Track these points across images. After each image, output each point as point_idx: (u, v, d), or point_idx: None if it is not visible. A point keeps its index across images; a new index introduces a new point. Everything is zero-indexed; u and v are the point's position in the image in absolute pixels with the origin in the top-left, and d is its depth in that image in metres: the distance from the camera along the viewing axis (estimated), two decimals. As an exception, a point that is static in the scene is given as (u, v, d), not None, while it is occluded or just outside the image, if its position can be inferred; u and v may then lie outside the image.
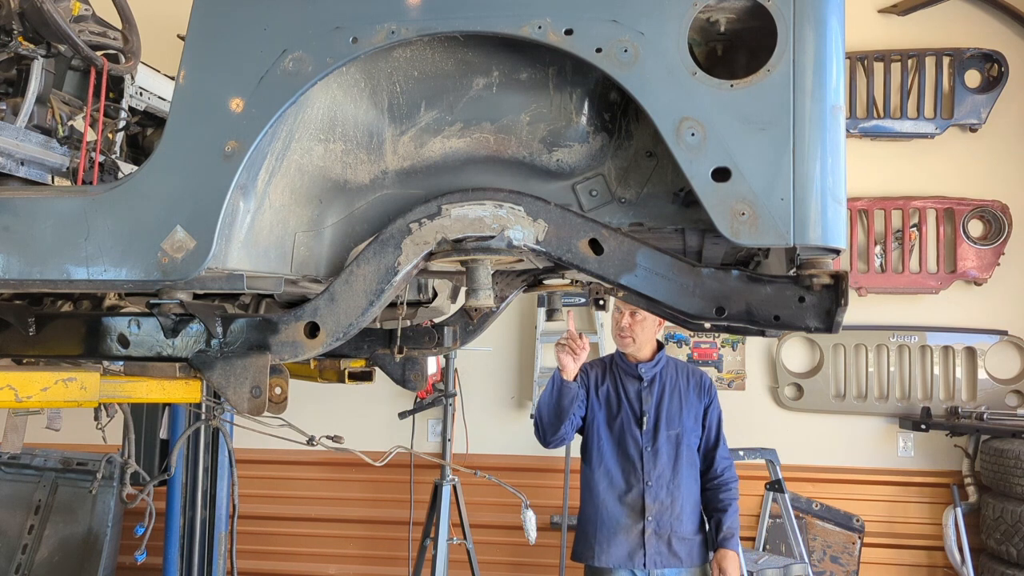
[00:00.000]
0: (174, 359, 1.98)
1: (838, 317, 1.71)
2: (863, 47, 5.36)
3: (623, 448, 3.62)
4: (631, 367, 3.71)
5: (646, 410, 3.63)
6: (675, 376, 3.73)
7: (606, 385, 3.73)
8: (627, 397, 3.67)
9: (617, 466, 3.63)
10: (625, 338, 3.66)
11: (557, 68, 1.84)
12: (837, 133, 1.62)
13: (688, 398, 3.69)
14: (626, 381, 3.70)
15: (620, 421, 3.64)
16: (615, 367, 3.77)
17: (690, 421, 3.67)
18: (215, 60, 1.73)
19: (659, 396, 3.66)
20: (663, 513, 3.58)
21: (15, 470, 5.22)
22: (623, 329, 3.64)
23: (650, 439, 3.60)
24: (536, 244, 1.83)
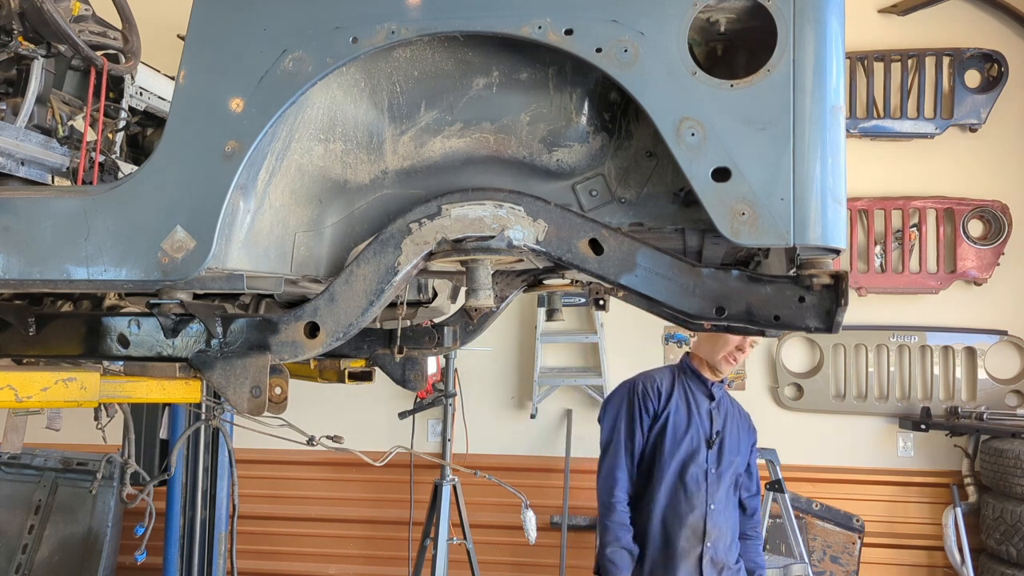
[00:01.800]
0: (174, 359, 1.98)
1: (838, 317, 1.71)
2: (863, 47, 5.36)
3: (690, 466, 3.35)
4: (704, 383, 3.47)
5: (717, 430, 3.41)
6: (730, 406, 3.54)
7: (676, 397, 3.44)
8: (698, 412, 3.42)
9: (681, 484, 3.36)
10: (734, 363, 3.43)
11: (557, 68, 1.84)
12: (837, 133, 1.62)
13: (741, 429, 3.52)
14: (698, 397, 3.45)
15: (690, 438, 3.38)
16: (685, 379, 3.50)
17: (742, 452, 3.50)
18: (215, 60, 1.73)
19: (724, 419, 3.46)
20: (720, 540, 3.38)
21: (15, 470, 5.22)
22: (739, 354, 3.40)
23: (715, 461, 3.38)
24: (536, 244, 1.83)
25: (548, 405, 5.59)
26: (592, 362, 5.56)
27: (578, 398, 5.61)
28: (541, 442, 5.62)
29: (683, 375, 3.50)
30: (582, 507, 5.44)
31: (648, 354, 5.55)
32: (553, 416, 5.62)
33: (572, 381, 5.50)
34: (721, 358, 3.40)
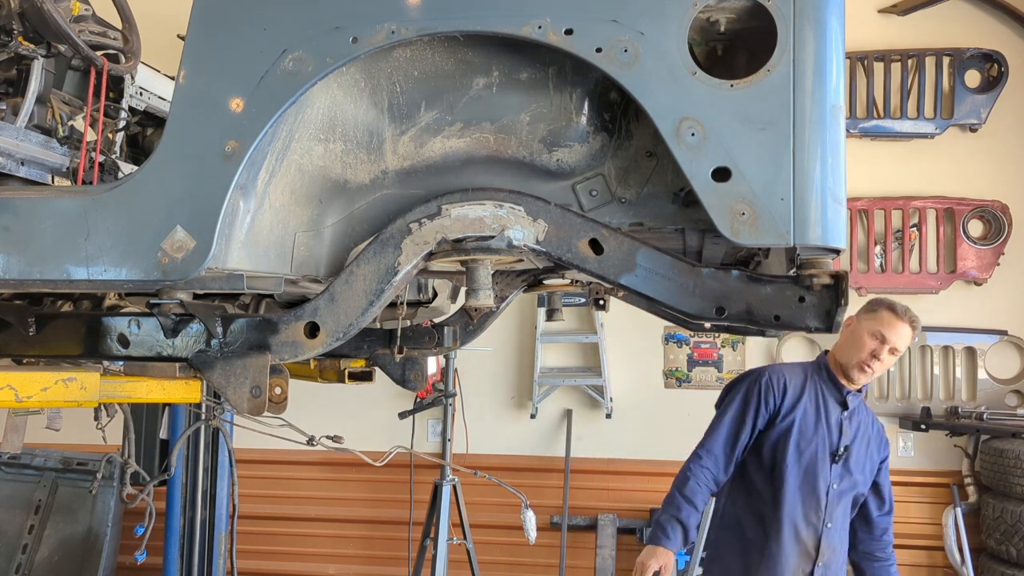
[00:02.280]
0: (174, 359, 1.98)
1: (838, 317, 1.71)
2: (863, 47, 5.36)
3: (811, 478, 3.04)
4: (839, 389, 3.13)
5: (845, 443, 3.08)
6: (865, 417, 3.20)
7: (806, 398, 3.10)
8: (827, 420, 3.08)
9: (799, 496, 3.05)
10: (869, 371, 3.07)
11: (557, 68, 1.84)
12: (837, 133, 1.62)
13: (871, 445, 3.17)
14: (830, 403, 3.11)
15: (815, 447, 3.05)
16: (819, 382, 3.15)
17: (867, 471, 3.16)
18: (215, 60, 1.73)
19: (855, 432, 3.12)
20: (832, 561, 3.12)
21: (15, 470, 5.22)
22: (875, 363, 3.04)
23: (839, 477, 3.07)
24: (536, 244, 1.83)
25: (548, 405, 5.59)
26: (592, 362, 5.56)
27: (578, 398, 5.61)
28: (541, 442, 5.62)
29: (817, 376, 3.17)
30: (582, 507, 5.44)
31: (648, 354, 5.56)
32: (553, 416, 5.62)
33: (572, 381, 5.50)
34: (855, 365, 3.05)
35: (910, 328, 3.02)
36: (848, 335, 3.11)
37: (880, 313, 3.05)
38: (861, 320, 3.09)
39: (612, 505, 5.46)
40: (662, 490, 5.42)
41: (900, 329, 3.00)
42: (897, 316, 3.01)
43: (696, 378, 5.54)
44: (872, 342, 3.02)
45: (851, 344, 3.08)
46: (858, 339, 3.05)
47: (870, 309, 3.09)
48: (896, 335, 3.00)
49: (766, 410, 3.09)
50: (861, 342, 3.04)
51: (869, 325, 3.04)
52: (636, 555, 5.44)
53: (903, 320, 3.00)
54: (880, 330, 3.01)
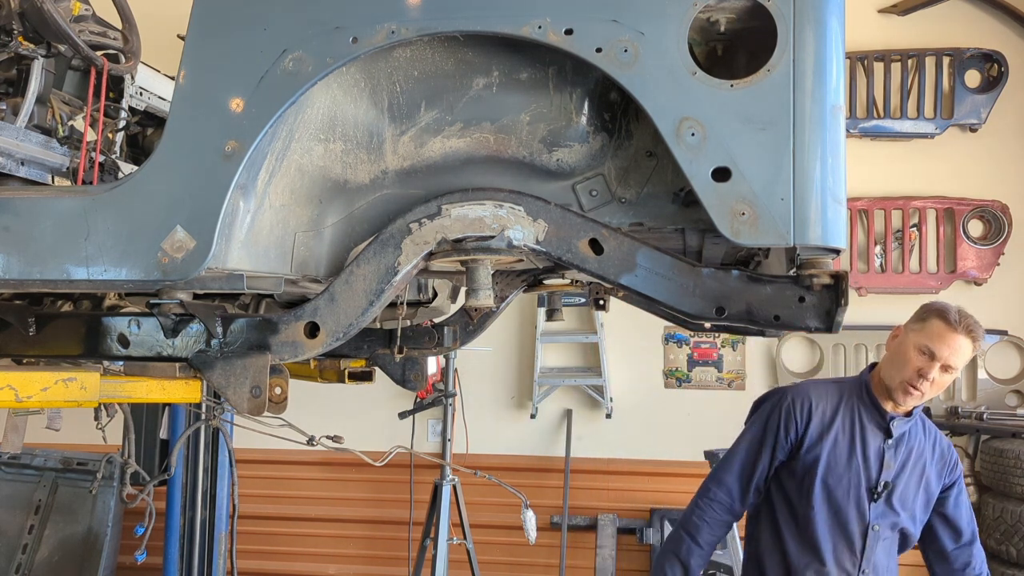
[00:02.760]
0: (174, 359, 1.98)
1: (838, 317, 1.71)
2: (863, 47, 5.36)
3: (841, 518, 2.61)
4: (881, 414, 2.64)
5: (886, 478, 2.61)
6: (923, 441, 2.70)
7: (837, 426, 2.65)
8: (863, 452, 2.62)
9: (828, 539, 2.62)
10: (917, 394, 2.56)
11: (557, 68, 1.84)
12: (837, 133, 1.62)
13: (927, 475, 2.68)
14: (868, 430, 2.64)
15: (847, 483, 2.61)
16: (858, 404, 2.68)
17: (919, 506, 2.69)
18: (215, 60, 1.73)
19: (903, 463, 2.64)
20: None
21: (15, 470, 5.22)
22: (923, 384, 2.53)
23: (879, 515, 2.62)
24: (536, 244, 1.83)
25: (548, 405, 5.59)
26: (592, 362, 5.56)
27: (578, 398, 5.61)
28: (541, 442, 5.62)
29: (856, 398, 2.69)
30: (582, 507, 5.44)
31: (648, 354, 5.56)
32: (553, 416, 5.62)
33: (572, 381, 5.50)
34: (898, 385, 2.57)
35: (968, 340, 2.49)
36: (894, 349, 2.63)
37: (930, 323, 2.53)
38: (908, 331, 2.60)
39: (612, 505, 5.46)
40: (662, 490, 5.45)
41: (954, 342, 2.48)
42: (950, 326, 2.49)
43: (696, 378, 5.53)
44: (919, 359, 2.52)
45: (896, 360, 2.59)
46: (903, 354, 2.56)
47: (919, 317, 2.60)
48: (949, 350, 2.48)
49: (786, 440, 2.66)
50: (906, 358, 2.55)
51: (916, 338, 2.54)
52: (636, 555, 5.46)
53: (957, 331, 2.48)
54: (928, 344, 2.50)
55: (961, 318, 2.51)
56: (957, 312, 2.53)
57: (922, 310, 2.63)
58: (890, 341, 2.70)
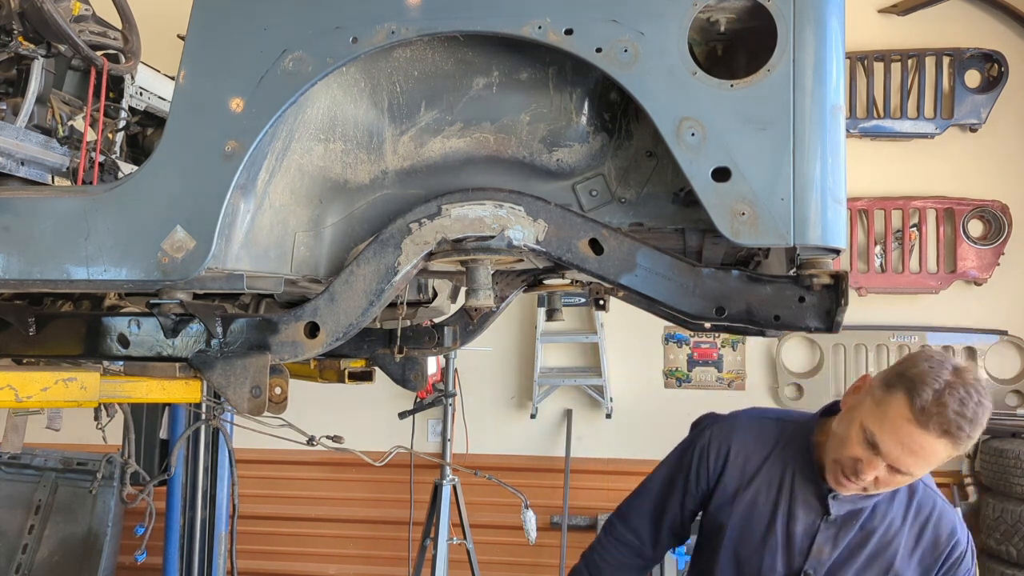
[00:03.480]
0: (174, 359, 1.98)
1: (838, 317, 1.71)
2: (863, 47, 5.35)
3: None
4: (817, 483, 1.96)
5: (811, 568, 1.94)
6: (897, 524, 1.94)
7: (759, 485, 2.00)
8: (787, 526, 1.96)
9: None
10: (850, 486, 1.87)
11: (557, 68, 1.84)
12: (837, 133, 1.62)
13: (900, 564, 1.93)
14: (799, 497, 1.96)
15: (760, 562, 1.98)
16: (791, 461, 2.00)
17: None
18: (215, 60, 1.73)
19: (850, 550, 1.93)
20: None
21: (15, 470, 5.22)
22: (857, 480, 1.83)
23: None
24: (536, 244, 1.83)
25: (548, 405, 5.59)
26: (592, 362, 5.56)
27: (578, 398, 5.61)
28: (541, 442, 5.62)
29: (792, 451, 2.00)
30: (582, 507, 5.44)
31: (648, 354, 5.55)
32: (553, 416, 5.62)
33: (572, 381, 5.50)
34: (830, 464, 1.90)
35: (942, 442, 1.70)
36: (845, 412, 1.92)
37: (892, 399, 1.75)
38: (866, 396, 1.85)
39: (612, 505, 5.40)
40: (662, 490, 5.45)
41: (913, 442, 1.71)
42: (914, 417, 1.70)
43: (696, 378, 5.53)
44: (859, 446, 1.80)
45: (838, 431, 1.89)
46: (846, 429, 1.85)
47: (885, 382, 1.81)
48: (901, 449, 1.73)
49: (696, 488, 2.10)
50: (847, 436, 1.84)
51: (867, 414, 1.80)
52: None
53: (925, 427, 1.69)
54: (875, 431, 1.76)
55: (938, 407, 1.67)
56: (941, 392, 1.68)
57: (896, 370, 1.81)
58: (848, 395, 1.94)
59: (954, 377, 1.72)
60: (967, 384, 1.71)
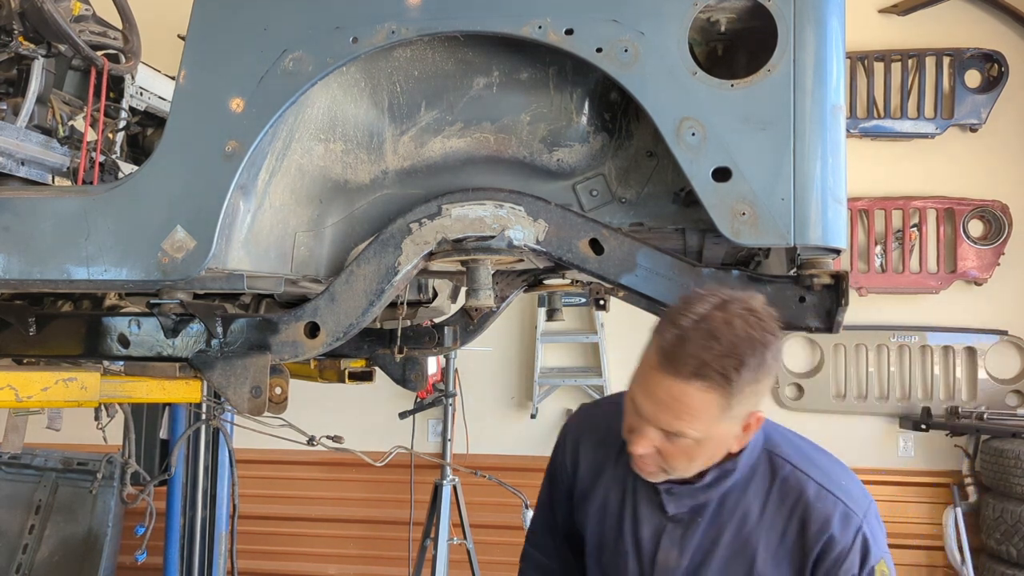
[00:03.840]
0: (174, 359, 1.98)
1: (838, 317, 1.71)
2: (863, 47, 5.35)
3: None
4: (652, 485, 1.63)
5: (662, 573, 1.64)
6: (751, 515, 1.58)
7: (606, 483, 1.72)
8: (635, 529, 1.66)
9: None
10: (641, 466, 1.56)
11: (557, 68, 1.84)
12: (837, 133, 1.62)
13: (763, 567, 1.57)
14: (641, 499, 1.66)
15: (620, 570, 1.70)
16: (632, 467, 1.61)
17: None
18: (215, 60, 1.73)
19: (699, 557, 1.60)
20: None
21: (15, 470, 5.22)
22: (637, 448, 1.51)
23: None
24: (536, 244, 1.83)
25: (548, 405, 5.59)
26: (592, 362, 5.55)
27: (579, 398, 5.61)
28: (541, 442, 5.61)
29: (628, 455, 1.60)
30: (582, 507, 5.43)
31: (648, 354, 5.55)
32: (553, 416, 5.61)
33: (572, 381, 5.50)
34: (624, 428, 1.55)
35: (698, 386, 1.38)
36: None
37: (645, 350, 1.47)
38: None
39: (612, 505, 5.45)
40: (662, 490, 5.45)
41: (665, 391, 1.41)
42: (660, 365, 1.41)
43: (696, 378, 5.53)
44: (630, 414, 1.51)
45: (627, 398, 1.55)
46: (632, 391, 1.51)
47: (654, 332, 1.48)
48: (655, 404, 1.43)
49: (561, 491, 1.83)
50: (625, 406, 1.54)
51: (632, 373, 1.50)
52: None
53: (674, 374, 1.39)
54: (633, 389, 1.49)
55: (680, 344, 1.37)
56: (688, 328, 1.37)
57: (662, 317, 1.48)
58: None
59: (714, 310, 1.38)
60: (728, 315, 1.37)
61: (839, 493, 1.58)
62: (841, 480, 1.61)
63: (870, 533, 1.55)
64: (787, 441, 1.65)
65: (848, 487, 1.61)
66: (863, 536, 1.54)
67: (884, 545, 1.57)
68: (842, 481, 1.61)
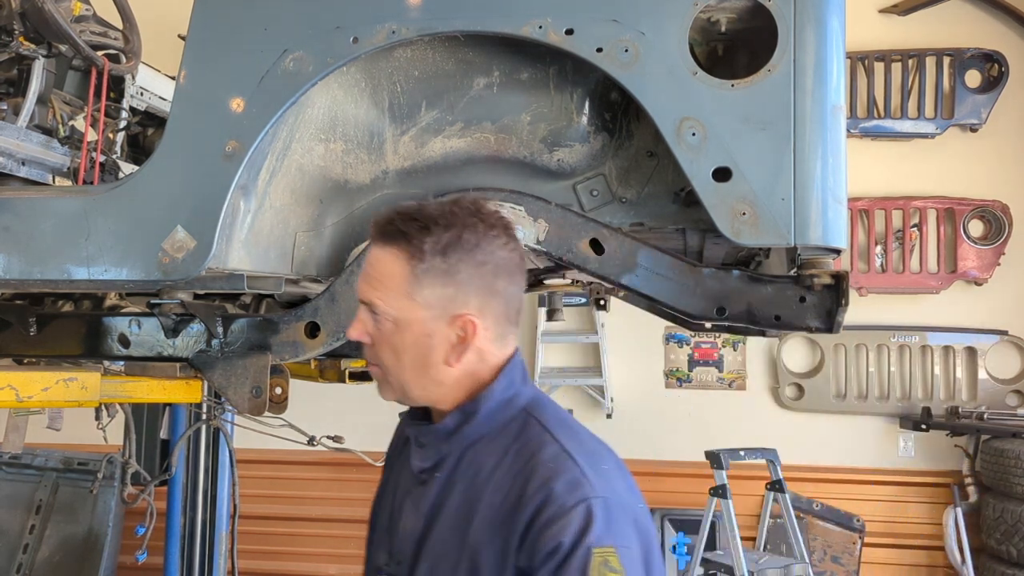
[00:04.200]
0: (175, 359, 1.98)
1: (839, 317, 1.71)
2: (863, 47, 5.35)
3: None
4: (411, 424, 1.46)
5: (397, 551, 1.42)
6: (484, 469, 1.30)
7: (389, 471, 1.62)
8: (392, 505, 1.52)
9: None
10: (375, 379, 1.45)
11: (558, 68, 1.84)
12: (838, 133, 1.62)
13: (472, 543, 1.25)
14: (404, 469, 1.50)
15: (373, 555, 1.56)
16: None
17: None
18: (216, 60, 1.73)
19: (431, 516, 1.34)
20: None
21: (16, 470, 5.22)
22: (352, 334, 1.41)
23: None
24: (537, 244, 1.83)
25: (549, 405, 5.59)
26: (593, 362, 5.55)
27: (579, 398, 5.60)
28: (541, 442, 5.61)
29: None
30: (583, 507, 5.43)
31: (649, 354, 5.55)
32: (553, 416, 5.61)
33: (573, 381, 5.50)
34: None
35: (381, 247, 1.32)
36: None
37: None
38: None
39: (612, 505, 5.45)
40: (663, 490, 5.44)
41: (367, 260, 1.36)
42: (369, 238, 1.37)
43: (697, 378, 5.53)
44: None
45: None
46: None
47: None
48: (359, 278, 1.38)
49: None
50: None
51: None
52: (636, 555, 5.32)
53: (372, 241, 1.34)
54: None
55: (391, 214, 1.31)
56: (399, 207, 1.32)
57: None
58: None
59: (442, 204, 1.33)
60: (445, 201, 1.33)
61: (585, 465, 1.23)
62: (602, 463, 1.27)
63: (602, 513, 1.17)
64: (555, 413, 1.35)
65: (607, 472, 1.26)
66: (589, 509, 1.17)
67: (626, 538, 1.18)
68: (603, 464, 1.27)
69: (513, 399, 1.34)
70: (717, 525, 4.77)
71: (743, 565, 4.08)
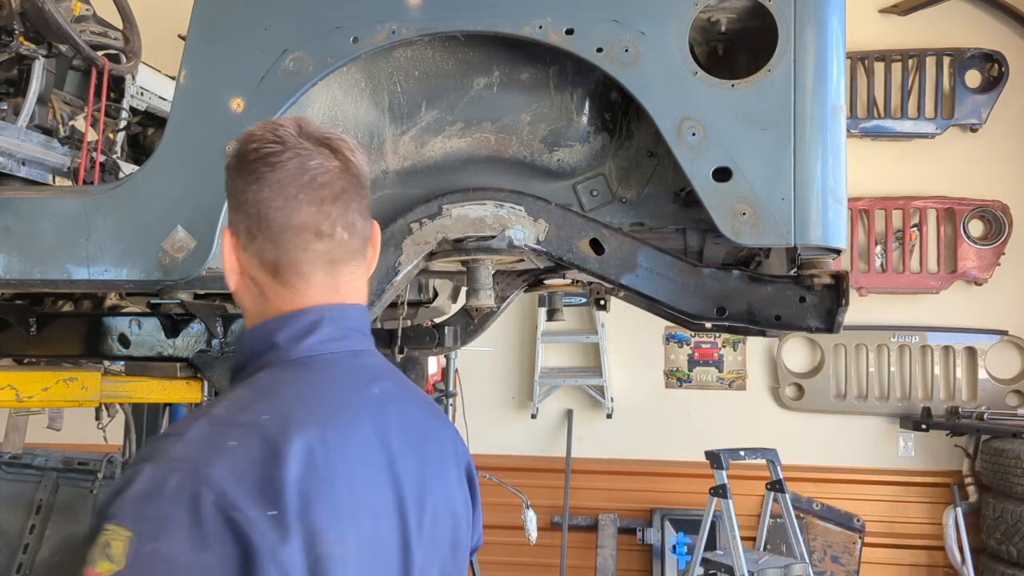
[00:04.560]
0: (175, 359, 1.98)
1: (839, 317, 1.71)
2: (864, 47, 5.35)
3: None
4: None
5: None
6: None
7: None
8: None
9: None
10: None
11: (558, 68, 1.84)
12: (838, 133, 1.62)
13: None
14: None
15: None
16: None
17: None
18: (216, 60, 1.73)
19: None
20: None
21: (16, 470, 5.21)
22: None
23: None
24: (537, 244, 1.83)
25: (549, 405, 5.59)
26: (593, 362, 5.56)
27: (579, 398, 5.61)
28: (542, 442, 5.61)
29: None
30: (583, 507, 5.43)
31: (649, 354, 5.55)
32: (554, 416, 5.62)
33: (573, 381, 5.50)
34: None
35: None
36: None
37: None
38: None
39: (613, 505, 5.46)
40: (663, 490, 5.45)
41: None
42: None
43: (697, 378, 5.53)
44: None
45: None
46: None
47: None
48: None
49: None
50: None
51: None
52: (637, 555, 5.47)
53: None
54: None
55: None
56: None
57: None
58: None
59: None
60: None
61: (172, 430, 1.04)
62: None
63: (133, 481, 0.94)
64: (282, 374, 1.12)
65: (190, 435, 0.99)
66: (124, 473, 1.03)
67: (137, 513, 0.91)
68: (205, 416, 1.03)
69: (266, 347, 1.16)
70: (717, 525, 4.77)
71: (743, 565, 4.08)
